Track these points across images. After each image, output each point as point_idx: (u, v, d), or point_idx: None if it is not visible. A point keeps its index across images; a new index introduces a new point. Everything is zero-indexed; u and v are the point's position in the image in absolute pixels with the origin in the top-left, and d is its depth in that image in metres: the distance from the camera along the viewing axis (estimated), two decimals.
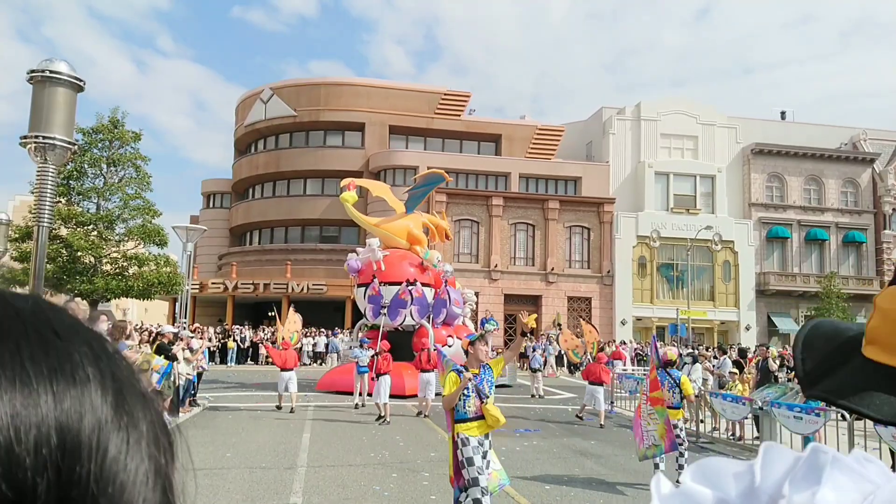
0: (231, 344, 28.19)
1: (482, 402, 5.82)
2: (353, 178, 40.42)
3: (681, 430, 8.59)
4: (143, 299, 14.33)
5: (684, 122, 41.09)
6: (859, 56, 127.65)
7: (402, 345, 17.66)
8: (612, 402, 16.88)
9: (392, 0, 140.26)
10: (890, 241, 41.63)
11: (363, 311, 18.99)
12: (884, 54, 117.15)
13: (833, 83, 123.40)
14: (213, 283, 36.12)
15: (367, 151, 40.62)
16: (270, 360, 30.26)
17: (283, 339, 15.76)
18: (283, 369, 14.71)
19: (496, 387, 18.55)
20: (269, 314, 18.19)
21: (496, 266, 37.34)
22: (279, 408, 14.57)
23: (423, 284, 18.41)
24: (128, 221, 15.20)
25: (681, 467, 8.23)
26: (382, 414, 13.15)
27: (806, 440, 10.40)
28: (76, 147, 9.06)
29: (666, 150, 40.76)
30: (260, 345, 29.92)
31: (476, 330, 22.49)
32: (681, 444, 8.34)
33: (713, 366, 13.72)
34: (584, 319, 31.28)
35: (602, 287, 38.58)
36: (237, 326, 31.04)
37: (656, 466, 8.00)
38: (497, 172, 39.78)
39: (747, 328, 39.50)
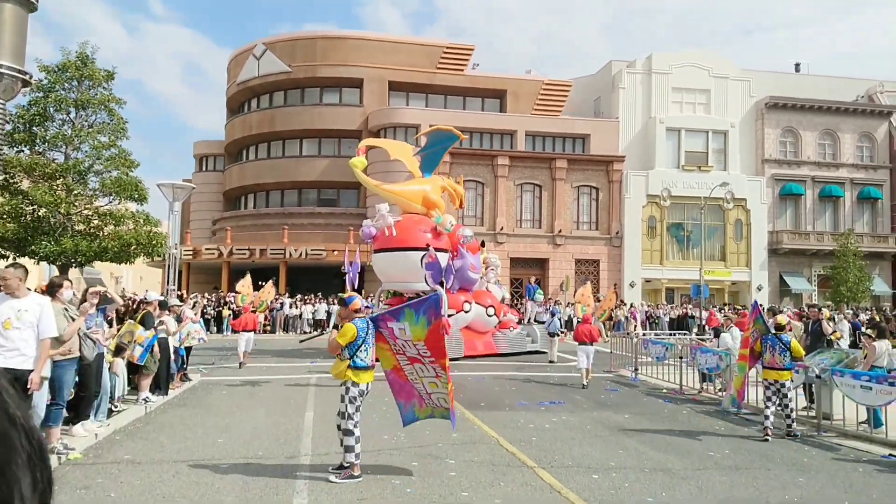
0: (226, 312, 26.96)
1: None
2: (359, 138, 38.97)
3: (789, 388, 9.20)
4: (121, 262, 12.74)
5: (696, 76, 39.31)
6: (864, 15, 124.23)
7: None
8: (636, 369, 15.76)
9: None
10: None
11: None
12: (889, 12, 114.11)
13: (839, 43, 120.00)
14: (206, 249, 34.75)
15: (365, 109, 38.84)
16: (268, 327, 29.13)
17: (243, 303, 17.36)
18: (243, 331, 16.39)
19: (527, 353, 17.88)
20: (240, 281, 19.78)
21: (502, 229, 36.00)
22: (241, 365, 16.08)
23: (438, 250, 17.59)
24: (101, 174, 13.18)
25: (790, 427, 9.12)
26: None
27: (875, 413, 9.21)
28: (30, 77, 7.55)
29: (677, 104, 39.08)
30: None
31: (504, 296, 21.56)
32: (789, 403, 9.14)
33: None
34: (613, 289, 30.08)
35: (611, 249, 37.32)
36: (232, 294, 29.75)
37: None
38: (502, 130, 38.12)
39: (759, 288, 38.39)
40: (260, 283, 19.01)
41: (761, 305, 10.25)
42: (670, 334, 25.82)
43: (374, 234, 18.18)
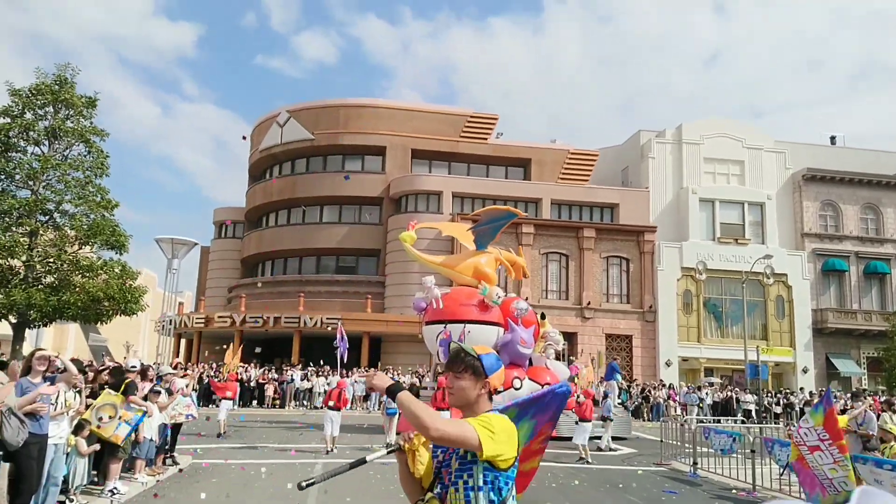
0: None
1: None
2: (380, 205, 38.31)
3: None
4: (90, 321, 10.92)
5: (729, 146, 38.13)
6: (869, 98, 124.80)
7: None
8: (694, 463, 13.54)
9: (409, 49, 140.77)
10: None
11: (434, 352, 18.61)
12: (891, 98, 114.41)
13: (843, 126, 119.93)
14: (219, 317, 33.27)
15: (388, 176, 38.02)
16: (277, 401, 27.24)
17: (229, 371, 17.52)
18: (223, 398, 16.48)
19: (593, 439, 15.66)
20: (224, 347, 22.17)
21: (527, 299, 34.07)
22: (220, 435, 15.92)
23: (488, 323, 16.86)
24: (72, 215, 11.22)
25: None
26: None
27: None
28: None
29: (710, 175, 37.74)
30: (266, 385, 26.90)
31: (576, 378, 19.15)
32: None
33: (860, 421, 10.30)
34: (590, 362, 27.81)
35: (644, 324, 35.16)
36: (241, 364, 28.02)
37: None
38: (527, 198, 36.88)
39: (804, 371, 35.71)
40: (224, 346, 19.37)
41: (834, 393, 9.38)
42: (715, 420, 23.39)
43: (424, 306, 17.71)
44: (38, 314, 9.92)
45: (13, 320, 10.55)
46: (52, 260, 10.31)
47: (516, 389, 17.75)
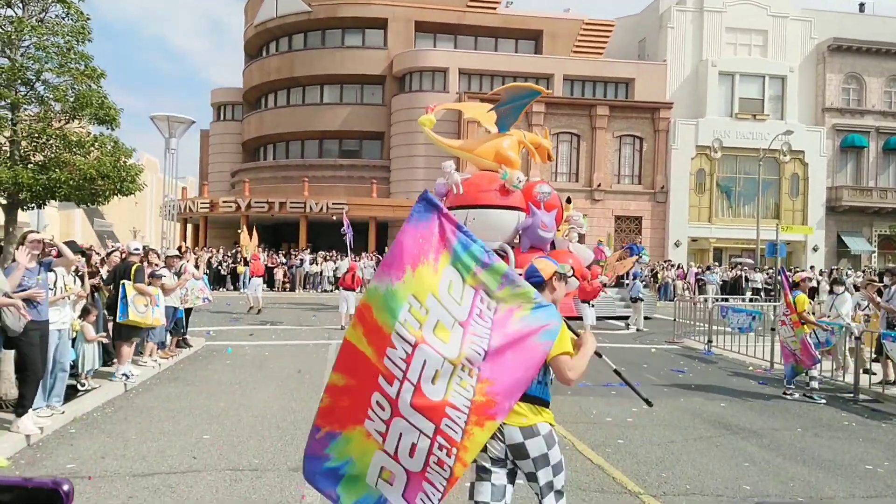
0: (241, 268, 25.12)
1: None
2: (383, 84, 36.60)
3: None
4: (84, 202, 10.20)
5: (753, 14, 35.76)
6: None
7: None
8: (709, 341, 13.48)
9: None
10: None
11: None
12: None
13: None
14: (224, 202, 32.79)
15: (390, 52, 36.09)
16: (287, 285, 27.41)
17: (252, 252, 20.71)
18: (255, 276, 18.30)
19: (616, 318, 15.57)
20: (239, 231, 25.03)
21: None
22: (252, 309, 17.84)
23: (509, 207, 16.13)
24: (57, 86, 10.22)
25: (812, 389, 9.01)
26: None
27: None
28: None
29: (731, 46, 35.68)
30: (275, 269, 26.94)
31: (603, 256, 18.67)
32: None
33: (886, 298, 9.89)
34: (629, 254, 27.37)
35: (654, 204, 34.61)
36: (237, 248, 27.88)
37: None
38: (538, 74, 35.11)
39: (815, 249, 35.55)
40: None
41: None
42: (724, 299, 23.44)
43: (445, 192, 17.16)
44: (28, 194, 9.34)
45: (3, 201, 10.01)
46: (37, 135, 9.54)
47: None
